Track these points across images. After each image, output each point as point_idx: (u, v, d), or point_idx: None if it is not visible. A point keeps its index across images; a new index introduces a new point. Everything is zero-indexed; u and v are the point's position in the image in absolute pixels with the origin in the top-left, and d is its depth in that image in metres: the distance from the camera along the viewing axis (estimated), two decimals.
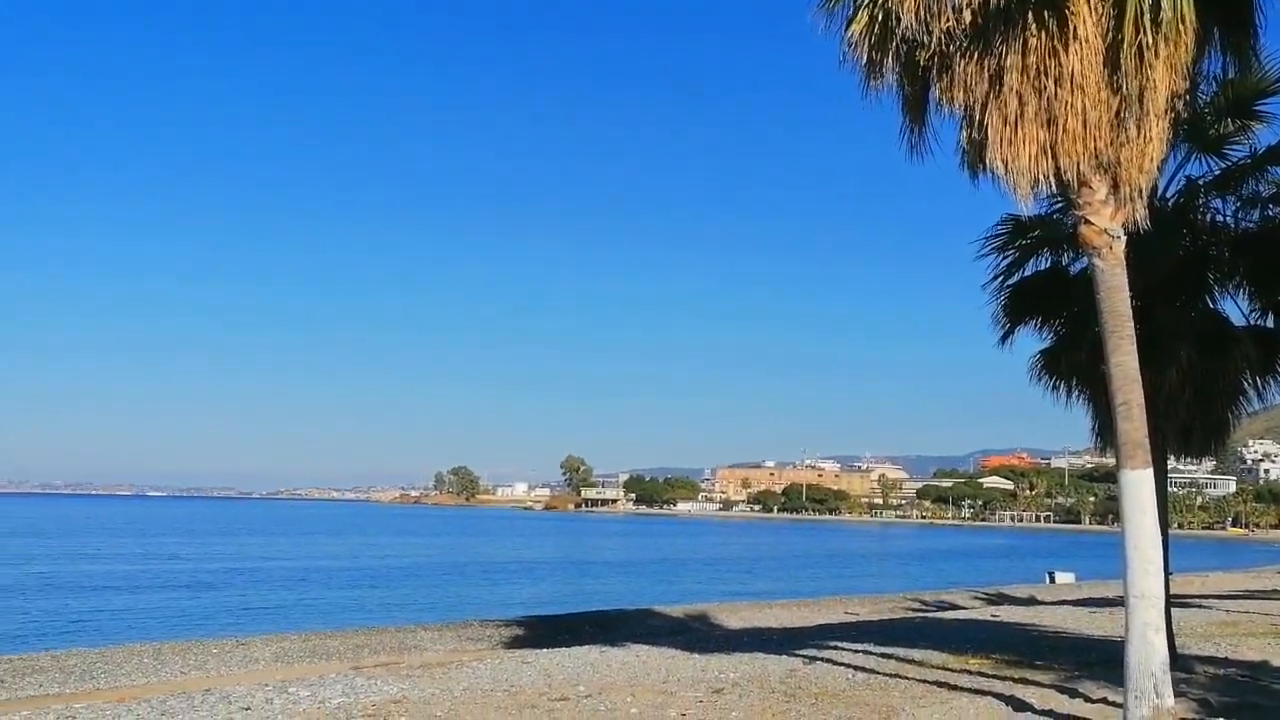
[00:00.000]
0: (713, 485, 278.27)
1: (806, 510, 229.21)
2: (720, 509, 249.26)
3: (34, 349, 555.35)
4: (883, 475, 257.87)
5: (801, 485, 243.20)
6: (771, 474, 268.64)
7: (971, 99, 11.44)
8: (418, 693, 14.57)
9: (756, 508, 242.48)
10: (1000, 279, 16.63)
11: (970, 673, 15.11)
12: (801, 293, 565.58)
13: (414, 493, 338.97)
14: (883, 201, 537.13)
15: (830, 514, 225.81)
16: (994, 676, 14.68)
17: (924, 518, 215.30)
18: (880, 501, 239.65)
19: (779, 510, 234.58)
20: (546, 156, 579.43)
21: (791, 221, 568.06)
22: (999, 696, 13.01)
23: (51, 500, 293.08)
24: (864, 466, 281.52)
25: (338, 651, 23.41)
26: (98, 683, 19.14)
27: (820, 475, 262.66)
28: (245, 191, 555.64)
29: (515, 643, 25.13)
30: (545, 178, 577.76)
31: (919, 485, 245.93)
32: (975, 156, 11.57)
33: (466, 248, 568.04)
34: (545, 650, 19.76)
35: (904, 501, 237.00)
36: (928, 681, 14.37)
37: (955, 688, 13.81)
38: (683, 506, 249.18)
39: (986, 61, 11.33)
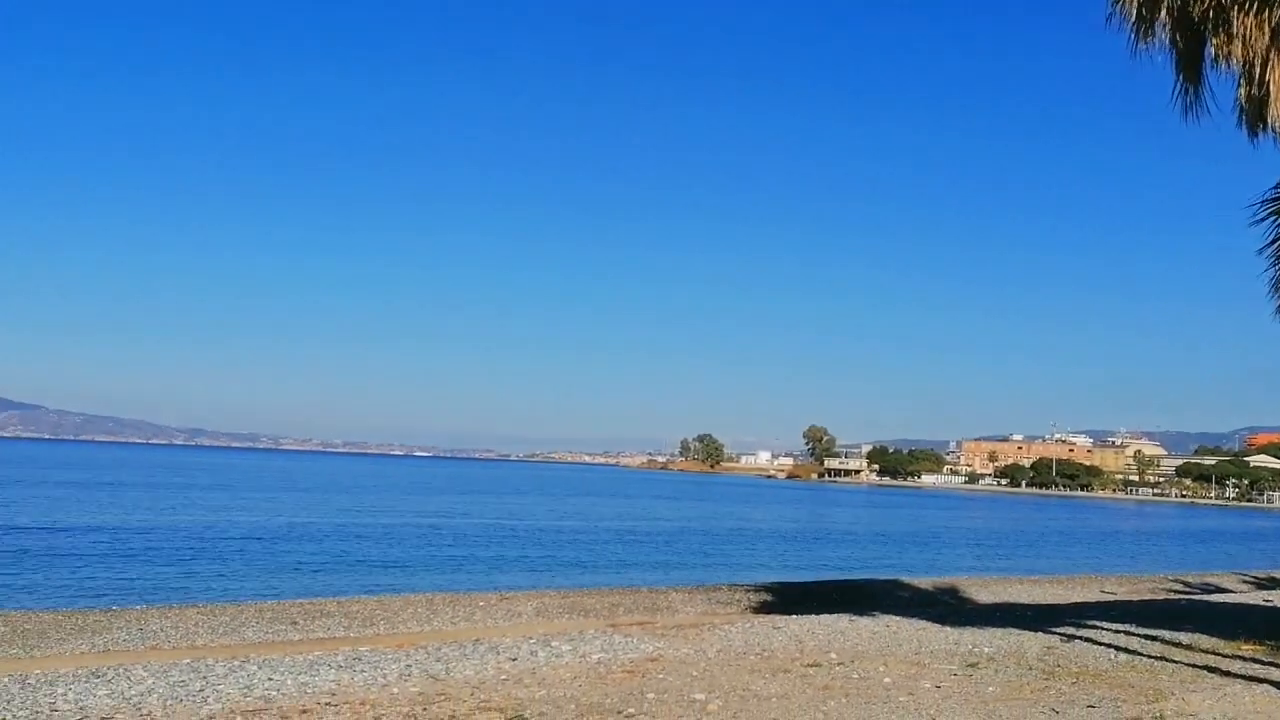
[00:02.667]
0: (958, 458, 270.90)
1: (1056, 486, 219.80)
2: (965, 482, 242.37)
3: (320, 321, 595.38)
4: (1139, 451, 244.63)
5: (1051, 460, 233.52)
6: (1019, 448, 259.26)
7: (1251, 54, 10.69)
8: (673, 652, 14.81)
9: (1003, 482, 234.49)
10: None
11: (1243, 658, 14.20)
12: (1051, 256, 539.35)
13: (660, 459, 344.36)
14: (1147, 163, 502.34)
15: (1081, 490, 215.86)
16: (1270, 664, 13.75)
17: (1184, 497, 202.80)
18: (1136, 479, 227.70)
19: (1027, 485, 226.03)
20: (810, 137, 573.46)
21: (1043, 187, 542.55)
22: (1277, 685, 12.18)
23: (331, 458, 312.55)
24: (1119, 442, 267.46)
25: (594, 609, 24.05)
26: (378, 629, 20.29)
27: (1071, 450, 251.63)
28: (515, 173, 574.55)
29: (763, 608, 25.18)
30: (797, 155, 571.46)
31: (1179, 462, 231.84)
32: (1255, 114, 10.81)
33: (717, 226, 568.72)
34: (794, 616, 19.71)
35: (1162, 479, 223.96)
36: (1196, 666, 13.59)
37: (1227, 673, 13.01)
38: (927, 479, 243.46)
39: (1268, 14, 10.53)
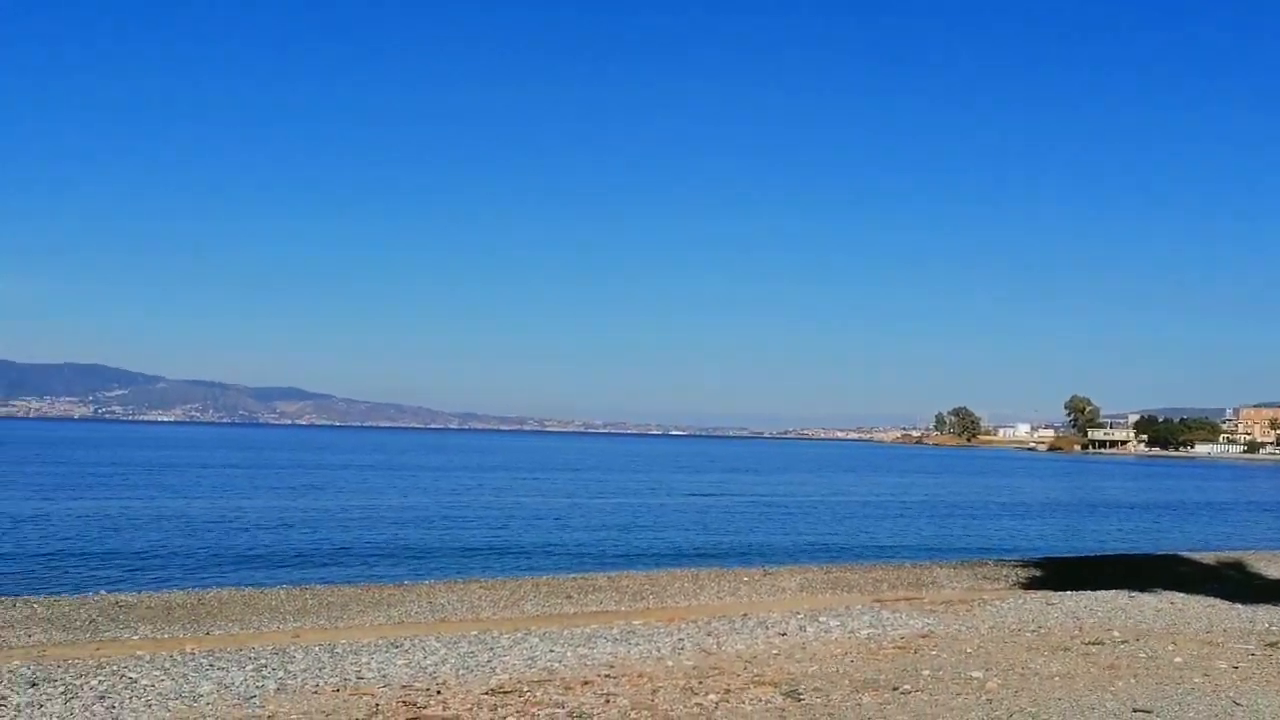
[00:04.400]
0: (1235, 426, 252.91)
1: None
2: (1244, 451, 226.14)
3: (580, 307, 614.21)
4: None
5: None
6: None
7: None
8: (943, 628, 14.38)
9: None
10: None
11: None
12: None
13: (915, 433, 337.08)
14: None
15: None
16: None
17: None
18: None
19: None
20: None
21: None
22: None
23: (594, 438, 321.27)
24: None
25: (857, 584, 23.66)
26: (647, 603, 20.59)
27: None
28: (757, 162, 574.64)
29: (1033, 583, 24.16)
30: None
31: None
32: None
33: (975, 191, 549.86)
34: (1069, 592, 18.84)
35: None
36: None
37: None
38: (1201, 449, 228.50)
39: None
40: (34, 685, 10.48)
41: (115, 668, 11.61)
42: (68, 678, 10.90)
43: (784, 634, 14.12)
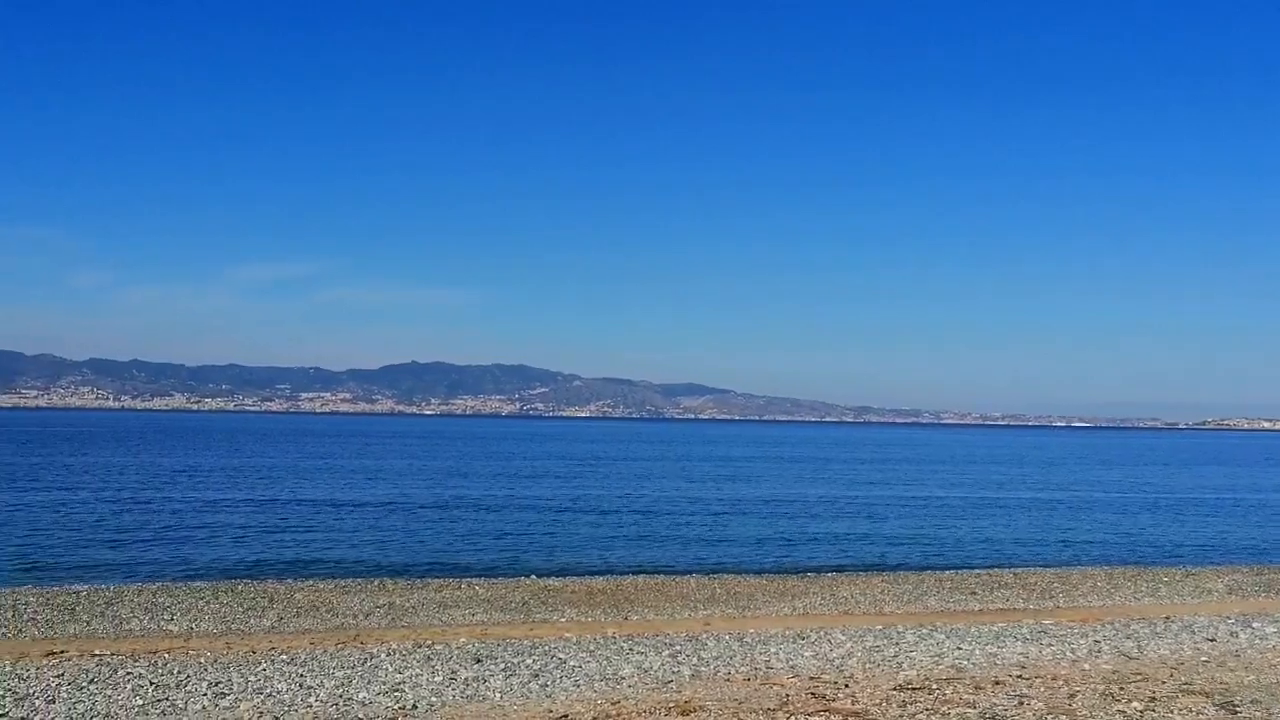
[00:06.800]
0: None
1: None
2: None
3: (985, 292, 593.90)
4: None
5: None
6: None
7: None
8: None
9: None
10: None
11: None
12: None
13: None
14: None
15: None
16: None
17: None
18: None
19: None
20: None
21: None
22: None
23: (994, 432, 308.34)
24: None
25: None
26: (1057, 602, 19.50)
27: None
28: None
29: None
30: None
31: None
32: None
33: None
34: None
35: None
36: None
37: None
38: None
39: None
40: (478, 661, 11.48)
41: (547, 648, 12.50)
42: (506, 656, 11.86)
43: (1213, 640, 12.96)
